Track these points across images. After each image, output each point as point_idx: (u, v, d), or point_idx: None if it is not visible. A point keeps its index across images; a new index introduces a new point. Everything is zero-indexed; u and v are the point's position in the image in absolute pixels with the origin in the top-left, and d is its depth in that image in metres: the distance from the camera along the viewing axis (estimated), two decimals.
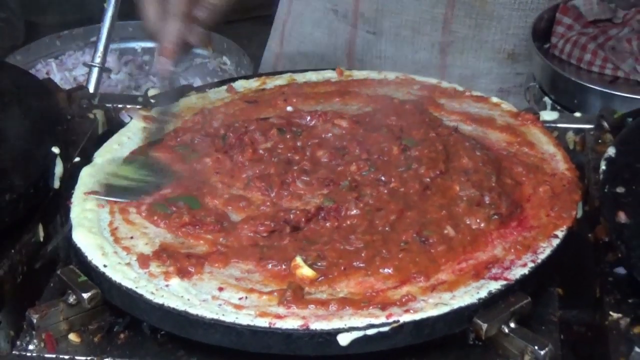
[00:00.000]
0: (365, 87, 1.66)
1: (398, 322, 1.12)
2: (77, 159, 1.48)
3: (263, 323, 1.12)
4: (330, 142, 1.46)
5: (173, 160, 1.45)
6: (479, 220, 1.27)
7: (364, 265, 1.20)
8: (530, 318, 1.19)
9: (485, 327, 1.14)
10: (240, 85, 1.68)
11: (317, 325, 1.12)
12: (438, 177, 1.35)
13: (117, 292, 1.20)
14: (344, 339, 1.11)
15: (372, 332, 1.11)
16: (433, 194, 1.32)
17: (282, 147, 1.44)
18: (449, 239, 1.24)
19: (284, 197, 1.35)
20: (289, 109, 1.59)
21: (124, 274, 1.21)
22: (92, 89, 2.25)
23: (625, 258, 1.20)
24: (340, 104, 1.60)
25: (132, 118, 1.57)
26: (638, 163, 1.34)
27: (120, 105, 1.67)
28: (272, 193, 1.35)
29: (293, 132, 1.47)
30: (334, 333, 1.11)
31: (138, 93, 2.61)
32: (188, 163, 1.44)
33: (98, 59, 2.28)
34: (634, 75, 1.87)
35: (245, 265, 1.23)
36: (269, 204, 1.33)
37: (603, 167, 1.34)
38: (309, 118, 1.53)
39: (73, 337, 1.21)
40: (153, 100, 1.62)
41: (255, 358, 1.14)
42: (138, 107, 1.61)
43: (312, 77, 1.70)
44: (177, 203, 1.33)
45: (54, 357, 1.19)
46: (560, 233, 1.27)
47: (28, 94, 1.57)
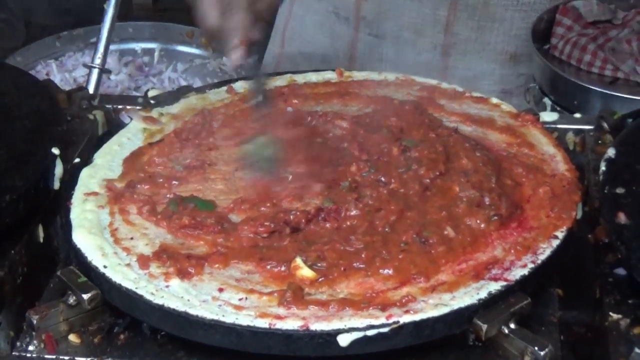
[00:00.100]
0: (365, 88, 1.66)
1: (398, 322, 1.12)
2: (77, 160, 1.47)
3: (263, 324, 1.12)
4: (330, 142, 1.46)
5: None
6: (479, 221, 1.27)
7: (364, 266, 1.20)
8: (530, 319, 1.19)
9: (485, 327, 1.14)
10: (240, 86, 1.68)
11: (317, 326, 1.12)
12: (438, 178, 1.35)
13: (117, 292, 1.20)
14: (344, 340, 1.11)
15: (372, 332, 1.11)
16: (433, 195, 1.32)
17: None
18: (449, 240, 1.24)
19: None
20: (289, 110, 1.59)
21: (124, 275, 1.21)
22: (92, 90, 2.24)
23: (625, 259, 1.19)
24: (340, 105, 1.60)
25: (132, 119, 1.57)
26: (638, 164, 1.34)
27: (120, 106, 1.67)
28: None
29: None
30: (334, 334, 1.11)
31: (138, 94, 2.61)
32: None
33: (98, 60, 2.28)
34: (634, 76, 1.87)
35: (245, 266, 1.23)
36: (269, 205, 1.33)
37: (603, 168, 1.34)
38: (309, 119, 1.53)
39: (73, 337, 1.21)
40: (153, 101, 1.62)
41: (256, 359, 1.14)
42: (138, 108, 1.61)
43: (312, 77, 1.70)
44: (188, 204, 1.33)
45: (54, 358, 1.19)
46: (560, 234, 1.27)
47: (28, 95, 1.57)
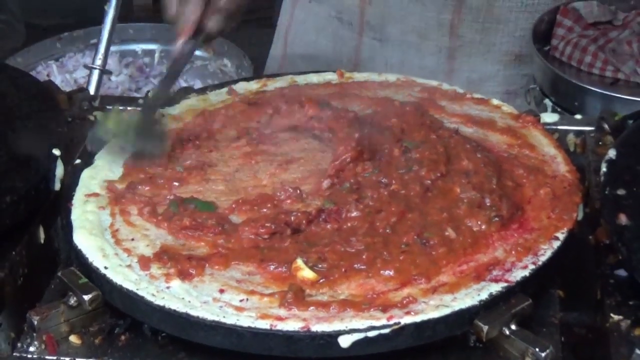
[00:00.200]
0: (366, 89, 1.66)
1: (399, 324, 1.12)
2: (77, 161, 1.47)
3: (264, 325, 1.12)
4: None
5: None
6: (480, 222, 1.27)
7: (365, 267, 1.20)
8: (531, 320, 1.19)
9: (486, 329, 1.14)
10: (241, 87, 1.68)
11: (318, 327, 1.12)
12: (439, 179, 1.35)
13: (118, 294, 1.20)
14: (345, 341, 1.11)
15: (373, 334, 1.11)
16: (434, 196, 1.32)
17: None
18: (450, 241, 1.24)
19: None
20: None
21: (125, 276, 1.21)
22: (92, 91, 2.24)
23: (626, 260, 1.19)
24: (341, 106, 1.60)
25: None
26: (639, 165, 1.34)
27: (121, 107, 1.67)
28: None
29: None
30: (335, 335, 1.11)
31: (138, 95, 2.61)
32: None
33: (99, 61, 2.28)
34: (634, 78, 1.87)
35: (246, 267, 1.23)
36: (270, 206, 1.33)
37: (604, 169, 1.34)
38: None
39: (74, 338, 1.21)
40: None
41: None
42: (139, 109, 1.61)
43: (312, 79, 1.70)
44: (188, 205, 1.33)
45: (55, 359, 1.19)
46: (561, 235, 1.27)
47: (29, 96, 1.57)
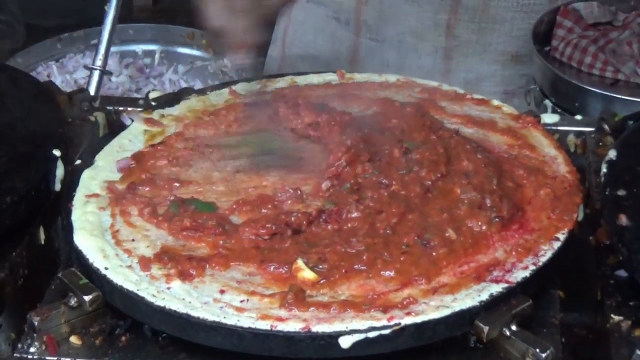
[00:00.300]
0: (366, 89, 1.66)
1: (399, 324, 1.12)
2: (78, 162, 1.47)
3: (264, 326, 1.12)
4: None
5: None
6: (480, 223, 1.27)
7: (366, 268, 1.20)
8: (532, 321, 1.19)
9: (487, 329, 1.14)
10: (242, 88, 1.68)
11: (318, 328, 1.12)
12: (439, 180, 1.35)
13: (118, 294, 1.20)
14: (346, 342, 1.11)
15: (373, 334, 1.11)
16: (434, 197, 1.32)
17: None
18: (450, 242, 1.24)
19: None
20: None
21: (125, 277, 1.21)
22: (93, 92, 2.24)
23: (627, 261, 1.19)
24: (342, 107, 1.60)
25: (133, 121, 1.57)
26: (639, 166, 1.34)
27: (121, 108, 1.67)
28: None
29: None
30: (336, 336, 1.11)
31: (139, 96, 2.60)
32: None
33: (99, 62, 2.27)
34: (635, 78, 1.87)
35: (247, 268, 1.23)
36: (270, 207, 1.33)
37: (604, 169, 1.34)
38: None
39: (74, 339, 1.21)
40: (154, 103, 1.62)
41: None
42: (139, 109, 1.62)
43: (313, 79, 1.70)
44: (189, 206, 1.33)
45: (55, 359, 1.19)
46: (562, 236, 1.27)
47: (29, 97, 1.57)
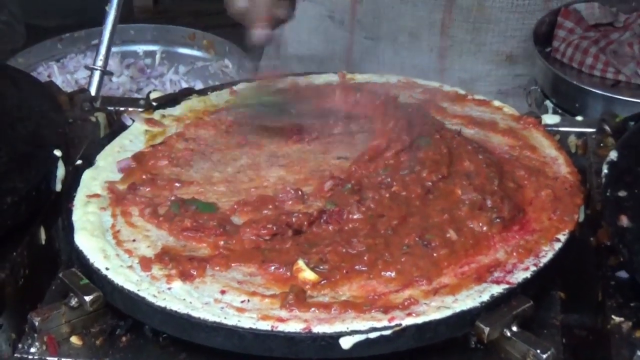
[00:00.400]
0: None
1: (400, 325, 1.12)
2: (78, 162, 1.47)
3: (265, 326, 1.12)
4: None
5: None
6: (481, 224, 1.27)
7: (366, 269, 1.20)
8: (533, 322, 1.19)
9: (488, 330, 1.14)
10: (242, 89, 1.68)
11: (319, 329, 1.12)
12: (440, 180, 1.35)
13: (119, 295, 1.20)
14: (346, 343, 1.11)
15: (374, 335, 1.11)
16: (435, 198, 1.32)
17: None
18: (451, 243, 1.24)
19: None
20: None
21: (126, 277, 1.21)
22: (93, 92, 2.23)
23: (628, 262, 1.19)
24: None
25: (133, 121, 1.57)
26: None
27: (122, 108, 1.67)
28: None
29: None
30: (336, 336, 1.11)
31: (140, 96, 2.61)
32: None
33: (100, 62, 2.27)
34: (636, 79, 1.87)
35: (248, 269, 1.23)
36: (271, 208, 1.33)
37: (605, 170, 1.34)
38: None
39: (75, 340, 1.21)
40: (155, 104, 1.62)
41: None
42: (140, 110, 1.62)
43: (313, 80, 1.70)
44: (190, 207, 1.33)
45: None
46: (563, 237, 1.27)
47: (30, 97, 1.57)
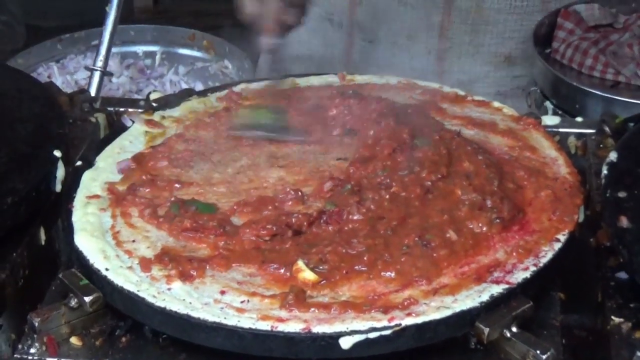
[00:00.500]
0: (368, 91, 1.66)
1: (400, 325, 1.12)
2: (78, 163, 1.47)
3: (265, 326, 1.12)
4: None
5: None
6: (481, 224, 1.27)
7: (366, 269, 1.21)
8: (532, 322, 1.19)
9: (487, 331, 1.14)
10: (241, 89, 1.68)
11: (319, 329, 1.12)
12: (439, 181, 1.35)
13: (119, 295, 1.20)
14: (346, 343, 1.11)
15: (374, 335, 1.11)
16: (435, 198, 1.32)
17: None
18: (451, 243, 1.24)
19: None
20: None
21: (126, 278, 1.21)
22: (93, 93, 2.23)
23: (627, 263, 1.19)
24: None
25: (133, 122, 1.57)
26: (639, 167, 1.34)
27: (122, 109, 1.68)
28: None
29: None
30: (336, 336, 1.11)
31: (140, 97, 2.61)
32: None
33: (100, 63, 2.27)
34: (635, 80, 1.87)
35: (247, 269, 1.23)
36: (271, 208, 1.33)
37: (605, 171, 1.34)
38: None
39: (75, 340, 1.21)
40: (155, 104, 1.62)
41: None
42: (140, 110, 1.62)
43: (314, 81, 1.70)
44: (190, 207, 1.33)
45: None
46: (562, 237, 1.27)
47: (30, 98, 1.57)
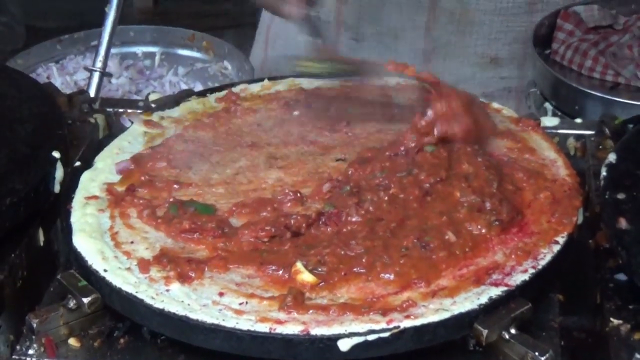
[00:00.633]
0: (367, 92, 1.65)
1: (399, 327, 1.12)
2: (77, 164, 1.47)
3: (263, 328, 1.12)
4: None
5: None
6: (480, 226, 1.27)
7: (365, 271, 1.20)
8: (531, 324, 1.18)
9: (486, 333, 1.14)
10: (241, 90, 1.68)
11: (317, 331, 1.12)
12: (438, 183, 1.34)
13: (117, 296, 1.20)
14: (345, 345, 1.11)
15: (372, 337, 1.11)
16: (433, 200, 1.32)
17: None
18: (450, 245, 1.24)
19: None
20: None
21: (124, 279, 1.21)
22: (92, 93, 2.24)
23: (626, 264, 1.19)
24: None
25: (132, 123, 1.57)
26: (639, 169, 1.34)
27: (121, 110, 1.68)
28: None
29: None
30: (335, 338, 1.11)
31: (139, 97, 2.60)
32: None
33: (99, 64, 2.27)
34: (635, 82, 1.87)
35: (246, 271, 1.23)
36: (270, 209, 1.33)
37: (604, 173, 1.34)
38: None
39: (73, 341, 1.21)
40: (154, 105, 1.62)
41: None
42: (139, 111, 1.62)
43: (314, 82, 1.70)
44: (188, 208, 1.33)
45: None
46: (561, 239, 1.27)
47: (29, 98, 1.57)
